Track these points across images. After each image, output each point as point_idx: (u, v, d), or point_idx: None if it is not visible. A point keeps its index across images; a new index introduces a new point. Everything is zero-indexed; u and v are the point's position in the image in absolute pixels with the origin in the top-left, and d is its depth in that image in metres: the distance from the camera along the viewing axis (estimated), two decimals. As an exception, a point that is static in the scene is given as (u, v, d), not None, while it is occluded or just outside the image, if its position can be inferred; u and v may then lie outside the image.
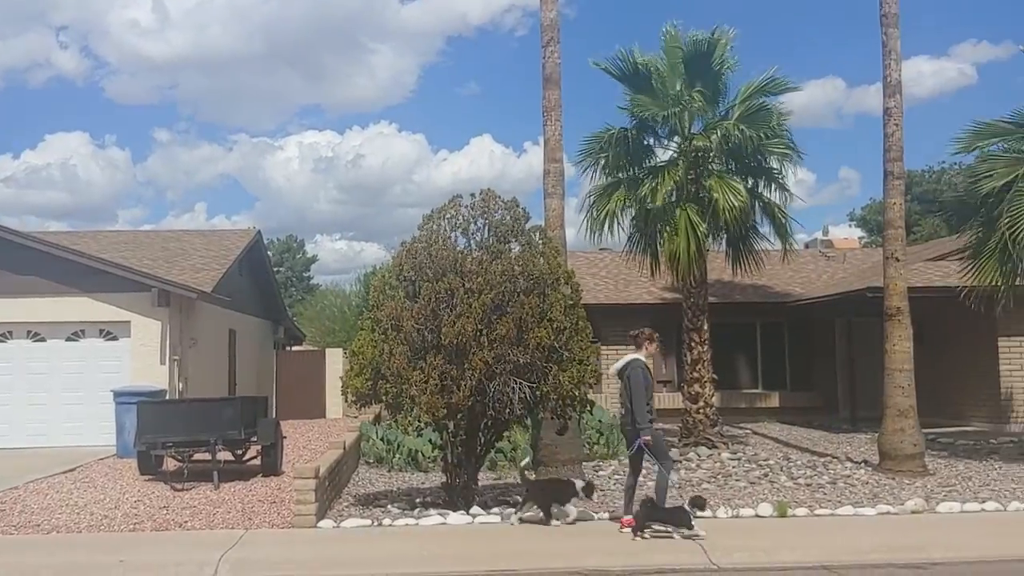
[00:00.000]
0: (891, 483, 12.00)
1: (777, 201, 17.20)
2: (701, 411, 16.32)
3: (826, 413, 22.13)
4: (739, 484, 12.18)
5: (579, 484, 9.86)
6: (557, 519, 9.49)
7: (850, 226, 53.95)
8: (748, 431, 19.09)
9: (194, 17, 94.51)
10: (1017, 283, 13.82)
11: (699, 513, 9.02)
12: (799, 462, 14.16)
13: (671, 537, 8.69)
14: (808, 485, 12.00)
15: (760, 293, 23.04)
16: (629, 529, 8.92)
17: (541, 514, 9.55)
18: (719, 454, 15.06)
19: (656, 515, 8.84)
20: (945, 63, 77.64)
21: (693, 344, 16.53)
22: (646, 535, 8.74)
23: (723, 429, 16.97)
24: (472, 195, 10.70)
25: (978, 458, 14.34)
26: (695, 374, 16.48)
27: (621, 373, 9.56)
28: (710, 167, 16.66)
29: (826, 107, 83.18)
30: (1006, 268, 13.60)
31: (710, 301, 17.60)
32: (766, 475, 12.89)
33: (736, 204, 15.55)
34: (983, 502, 10.41)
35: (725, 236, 17.29)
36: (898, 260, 13.30)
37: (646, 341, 9.87)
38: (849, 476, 12.63)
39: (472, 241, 10.54)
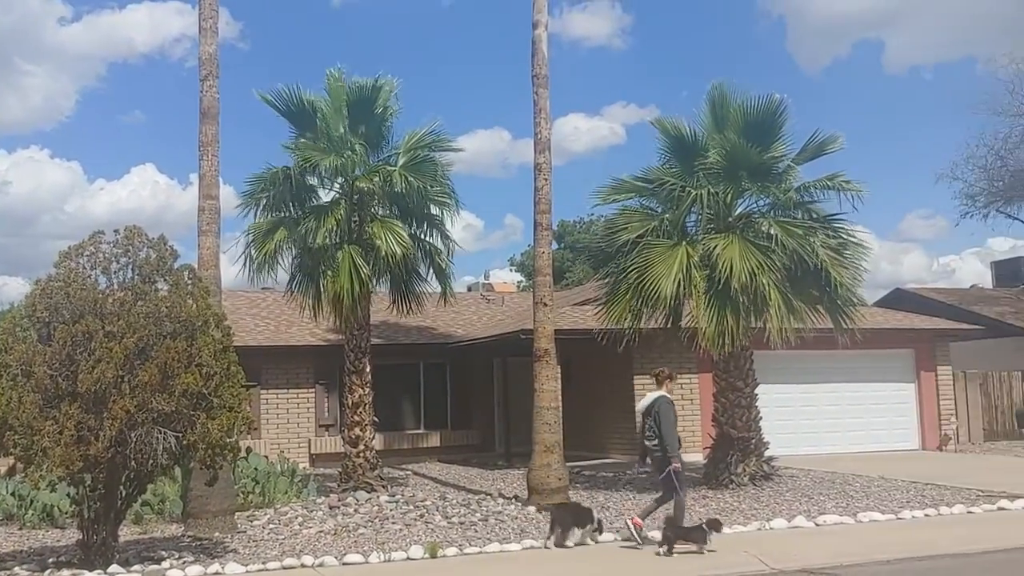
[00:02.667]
0: (539, 517, 12.57)
1: (439, 247, 17.69)
2: (361, 455, 16.27)
3: (484, 451, 22.91)
4: (395, 527, 12.25)
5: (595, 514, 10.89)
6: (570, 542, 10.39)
7: (511, 271, 56.63)
8: (409, 472, 19.33)
9: None
10: (643, 326, 15.16)
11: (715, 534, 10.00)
12: (455, 501, 14.50)
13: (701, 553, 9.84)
14: (462, 523, 12.31)
15: (424, 335, 23.52)
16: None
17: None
18: (378, 497, 15.07)
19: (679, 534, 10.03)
20: (599, 122, 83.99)
21: (355, 387, 16.50)
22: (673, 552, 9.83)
23: (383, 471, 17.03)
24: (116, 231, 10.10)
25: (615, 489, 15.44)
26: (356, 417, 16.44)
27: (649, 410, 10.59)
28: (374, 211, 16.83)
29: (494, 156, 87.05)
30: (635, 312, 14.88)
31: (375, 343, 17.71)
32: (422, 516, 13.07)
33: (398, 249, 15.78)
34: (618, 530, 11.17)
35: (389, 278, 17.48)
36: (546, 305, 14.10)
37: (666, 379, 10.96)
38: (500, 512, 13.11)
39: (115, 280, 9.93)
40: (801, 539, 10.84)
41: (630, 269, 14.89)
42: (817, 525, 11.72)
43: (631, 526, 10.46)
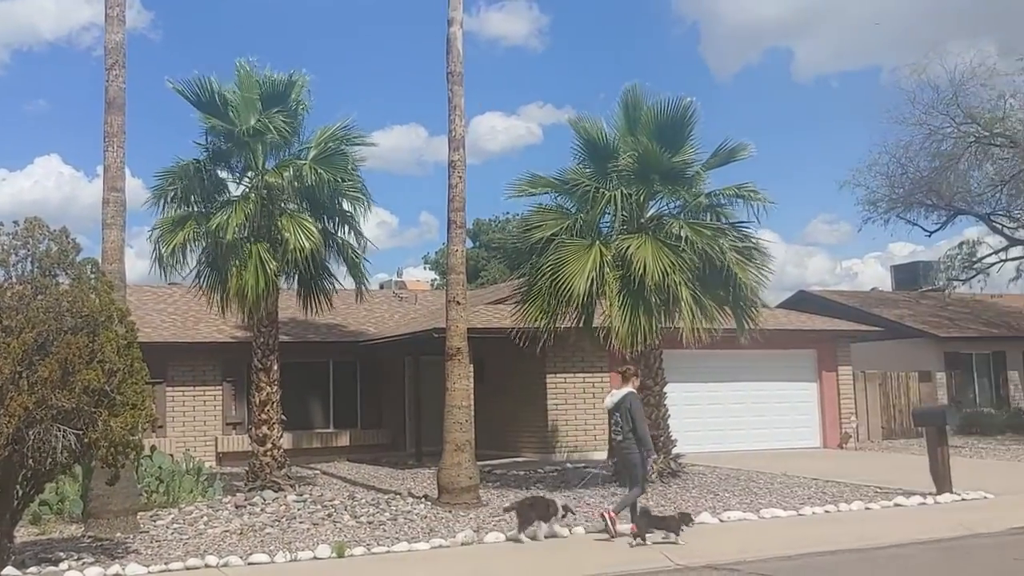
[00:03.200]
0: (448, 516, 12.58)
1: (351, 243, 17.55)
2: (268, 453, 16.06)
3: (395, 450, 22.81)
4: (302, 526, 12.10)
5: (560, 503, 10.97)
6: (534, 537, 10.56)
7: (425, 269, 56.47)
8: (318, 471, 19.11)
9: None
10: (557, 325, 15.25)
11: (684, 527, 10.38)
12: (364, 500, 14.39)
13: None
14: (370, 523, 12.22)
15: (335, 332, 23.29)
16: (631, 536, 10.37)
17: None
18: (285, 496, 14.88)
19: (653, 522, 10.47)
20: (516, 121, 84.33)
21: (262, 385, 16.26)
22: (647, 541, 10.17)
23: (292, 471, 16.84)
24: (16, 223, 9.76)
25: (526, 487, 15.49)
26: (263, 415, 16.21)
27: (618, 406, 10.96)
28: (284, 205, 16.61)
29: (410, 153, 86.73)
30: (548, 311, 14.96)
31: (284, 340, 17.48)
32: (330, 515, 12.94)
33: (307, 244, 15.61)
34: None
35: (298, 275, 17.27)
36: (459, 303, 14.09)
37: (633, 376, 11.39)
38: (410, 512, 13.06)
39: (13, 274, 9.59)
40: (706, 535, 11.03)
41: (544, 268, 14.95)
42: (722, 521, 11.96)
43: (606, 519, 10.74)
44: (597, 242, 15.17)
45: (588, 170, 16.30)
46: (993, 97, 24.49)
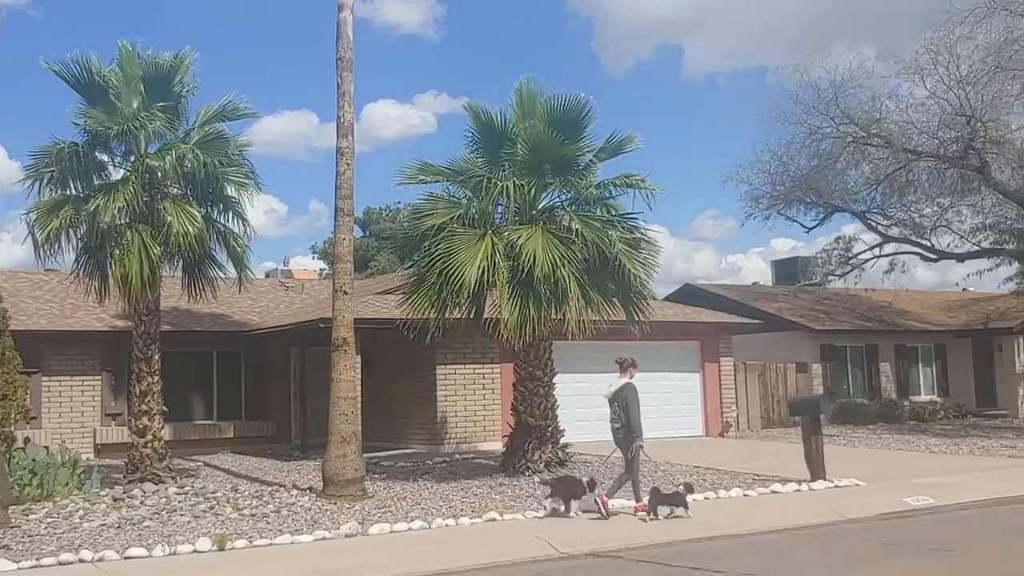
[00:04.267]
0: (332, 508, 12.46)
1: (235, 230, 17.16)
2: (149, 445, 15.64)
3: (280, 441, 22.48)
4: (183, 519, 11.83)
5: (585, 480, 11.67)
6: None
7: (313, 258, 55.73)
8: (201, 463, 18.68)
9: None
10: (448, 316, 15.22)
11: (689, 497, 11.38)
12: (247, 492, 14.15)
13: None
14: (253, 516, 12.02)
15: (219, 322, 22.79)
16: (643, 513, 11.30)
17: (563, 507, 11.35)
18: (166, 489, 14.53)
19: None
20: (410, 109, 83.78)
21: (143, 375, 15.82)
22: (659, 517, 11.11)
23: (173, 463, 16.43)
24: None
25: (413, 479, 15.46)
26: (144, 406, 15.76)
27: (616, 396, 11.90)
28: (166, 190, 16.16)
29: (300, 140, 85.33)
30: (438, 301, 14.91)
31: (166, 330, 17.03)
32: (212, 508, 12.69)
33: (191, 230, 15.23)
34: (411, 521, 11.21)
35: (181, 262, 16.82)
36: (346, 293, 13.94)
37: (630, 367, 12.32)
38: (294, 504, 12.89)
39: None
40: (590, 523, 11.20)
41: (435, 257, 14.88)
42: (606, 509, 12.14)
43: (598, 502, 11.40)
44: (489, 232, 15.18)
45: (481, 159, 16.35)
46: (871, 99, 25.41)
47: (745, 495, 13.24)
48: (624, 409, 11.77)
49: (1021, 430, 24.09)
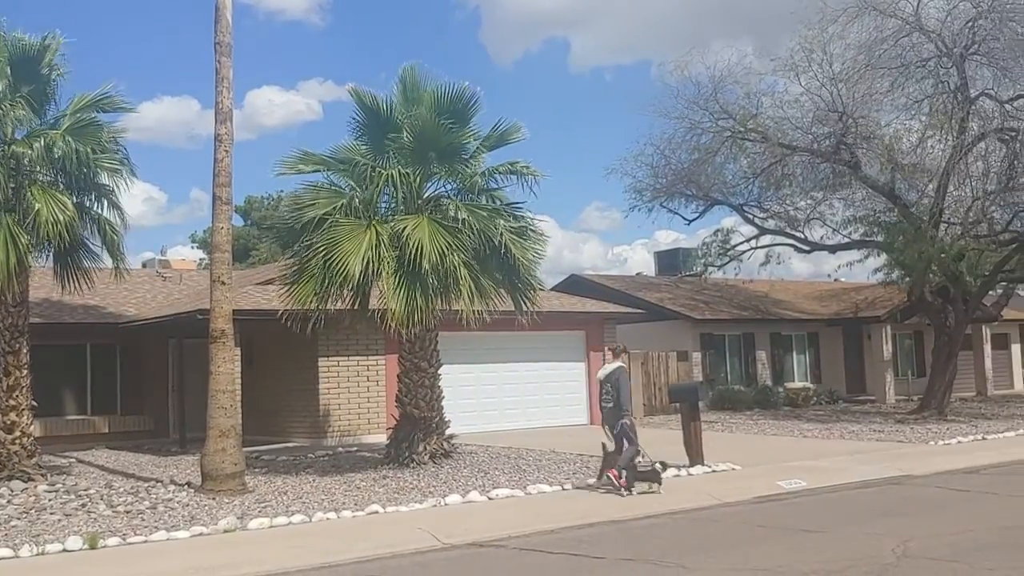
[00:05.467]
0: (211, 503, 12.18)
1: (110, 218, 16.56)
2: (17, 441, 14.97)
3: (158, 436, 21.84)
4: (53, 518, 11.40)
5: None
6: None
7: (193, 248, 54.32)
8: (73, 460, 18.01)
9: None
10: (331, 307, 14.99)
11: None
12: (122, 489, 13.72)
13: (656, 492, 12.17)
14: (128, 512, 11.66)
15: (93, 314, 21.98)
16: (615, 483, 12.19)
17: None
18: (36, 487, 13.95)
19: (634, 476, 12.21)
20: (294, 96, 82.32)
21: (10, 369, 15.12)
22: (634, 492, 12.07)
23: (44, 460, 15.79)
24: None
25: (295, 473, 15.23)
26: (12, 401, 15.07)
27: (608, 378, 12.85)
28: (35, 177, 15.48)
29: (181, 126, 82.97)
30: (321, 292, 14.66)
31: (36, 322, 16.37)
32: (84, 505, 12.26)
33: (61, 217, 14.61)
34: (291, 515, 11.05)
35: (52, 251, 16.14)
36: (224, 283, 13.61)
37: (622, 352, 13.60)
38: (171, 500, 12.56)
39: None
40: (473, 513, 11.24)
41: (317, 248, 14.61)
42: (490, 499, 12.21)
43: (611, 477, 12.25)
44: (373, 222, 15.00)
45: (365, 147, 16.17)
46: (748, 95, 26.03)
47: (626, 482, 13.44)
48: (616, 388, 12.69)
49: (888, 415, 25.12)
